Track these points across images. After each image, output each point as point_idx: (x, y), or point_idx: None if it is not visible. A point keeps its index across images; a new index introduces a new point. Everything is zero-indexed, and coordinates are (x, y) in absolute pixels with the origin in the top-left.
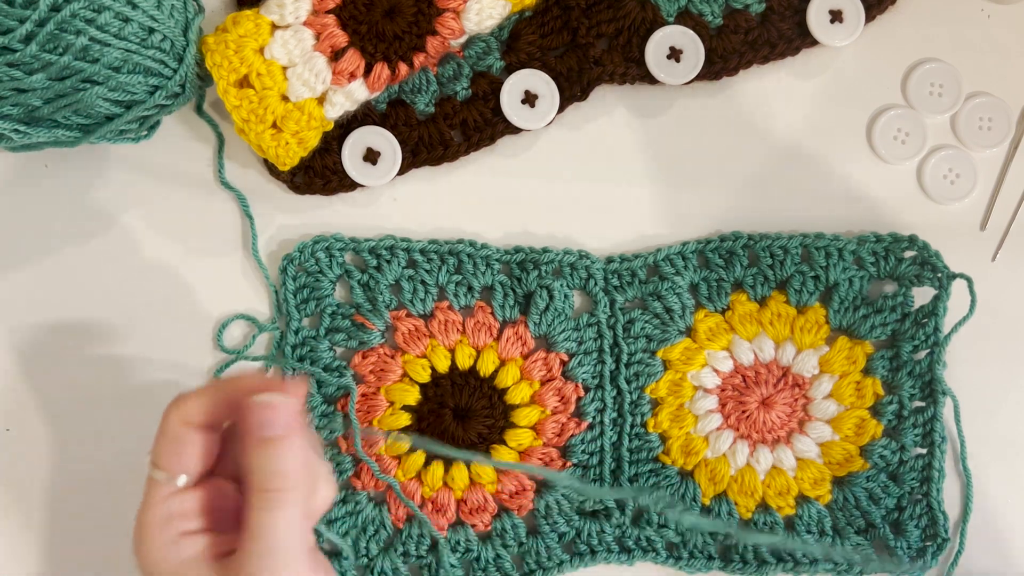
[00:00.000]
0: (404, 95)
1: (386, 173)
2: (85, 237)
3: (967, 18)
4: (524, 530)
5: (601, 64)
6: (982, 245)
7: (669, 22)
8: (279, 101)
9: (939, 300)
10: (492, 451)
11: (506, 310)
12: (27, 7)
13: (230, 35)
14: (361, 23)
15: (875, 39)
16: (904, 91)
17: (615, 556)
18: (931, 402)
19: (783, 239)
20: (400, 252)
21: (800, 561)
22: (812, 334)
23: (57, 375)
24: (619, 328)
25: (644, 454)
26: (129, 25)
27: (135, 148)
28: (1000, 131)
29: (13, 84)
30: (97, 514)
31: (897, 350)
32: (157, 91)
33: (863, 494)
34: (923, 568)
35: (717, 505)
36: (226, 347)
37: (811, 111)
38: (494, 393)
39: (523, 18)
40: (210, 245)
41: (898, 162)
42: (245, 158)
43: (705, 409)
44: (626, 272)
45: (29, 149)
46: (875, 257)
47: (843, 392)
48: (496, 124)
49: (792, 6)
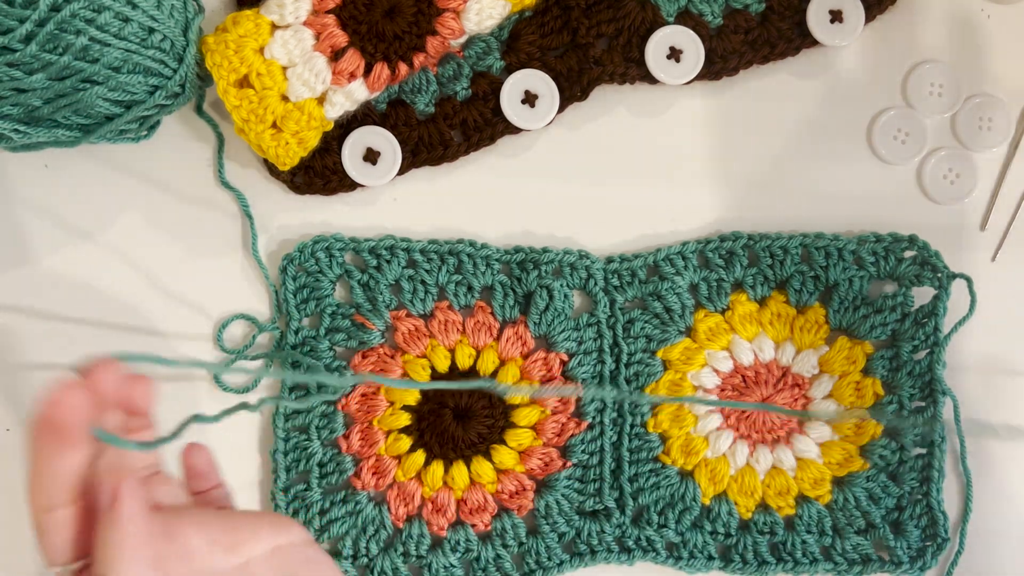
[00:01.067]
0: (404, 95)
1: (386, 173)
2: (85, 237)
3: (967, 18)
4: (524, 530)
5: (601, 64)
6: (982, 245)
7: (669, 22)
8: (279, 101)
9: (939, 300)
10: (492, 451)
11: (506, 310)
12: (27, 7)
13: (230, 35)
14: (361, 23)
15: (875, 39)
16: (904, 91)
17: (615, 556)
18: (931, 402)
19: (783, 239)
20: (400, 252)
21: (800, 561)
22: (812, 334)
23: (57, 375)
24: (619, 328)
25: (644, 454)
26: (129, 25)
27: (135, 148)
28: (1000, 131)
29: (13, 84)
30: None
31: (897, 350)
32: (157, 91)
33: (863, 494)
34: (923, 568)
35: (717, 505)
36: (226, 347)
37: (811, 111)
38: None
39: (523, 18)
40: (210, 245)
41: (898, 162)
42: (245, 158)
43: (705, 409)
44: (626, 272)
45: (29, 149)
46: (875, 257)
47: (843, 392)
48: (496, 124)
49: (792, 6)
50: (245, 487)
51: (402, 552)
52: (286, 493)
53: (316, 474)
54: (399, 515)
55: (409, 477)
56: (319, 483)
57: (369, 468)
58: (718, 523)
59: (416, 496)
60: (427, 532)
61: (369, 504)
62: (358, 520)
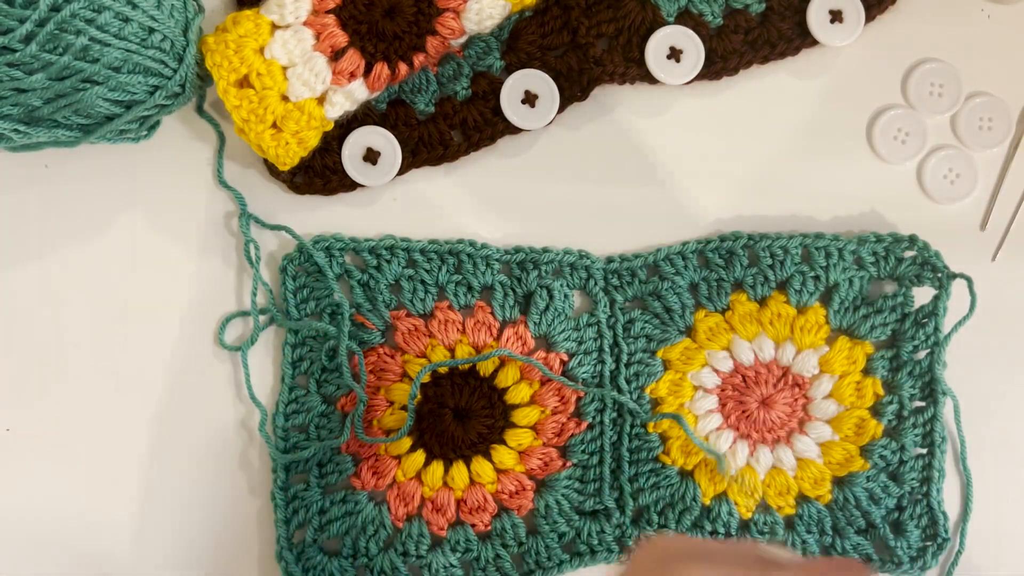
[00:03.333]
0: (404, 95)
1: (386, 173)
2: (85, 237)
3: (967, 18)
4: (524, 530)
5: (601, 64)
6: (982, 245)
7: (669, 22)
8: (279, 101)
9: (939, 300)
10: (492, 451)
11: (506, 310)
12: (27, 7)
13: (230, 35)
14: (361, 23)
15: (875, 39)
16: (904, 91)
17: (615, 556)
18: (931, 402)
19: (783, 239)
20: (400, 252)
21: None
22: (812, 334)
23: (57, 375)
24: (619, 328)
25: (644, 454)
26: (129, 25)
27: (135, 148)
28: (1000, 131)
29: (13, 84)
30: (97, 513)
31: (897, 350)
32: (157, 91)
33: (863, 494)
34: (923, 568)
35: (717, 505)
36: (227, 344)
37: (811, 111)
38: (494, 393)
39: (523, 18)
40: (210, 245)
41: (898, 162)
42: (245, 158)
43: (705, 409)
44: (626, 272)
45: (29, 149)
46: (875, 257)
47: (843, 392)
48: (496, 124)
49: (792, 6)
50: (245, 487)
51: (402, 552)
52: (286, 493)
53: (316, 474)
54: (399, 515)
55: (409, 477)
56: (319, 483)
57: (369, 468)
58: (718, 523)
59: (416, 496)
60: (427, 532)
61: (369, 504)
62: (358, 520)
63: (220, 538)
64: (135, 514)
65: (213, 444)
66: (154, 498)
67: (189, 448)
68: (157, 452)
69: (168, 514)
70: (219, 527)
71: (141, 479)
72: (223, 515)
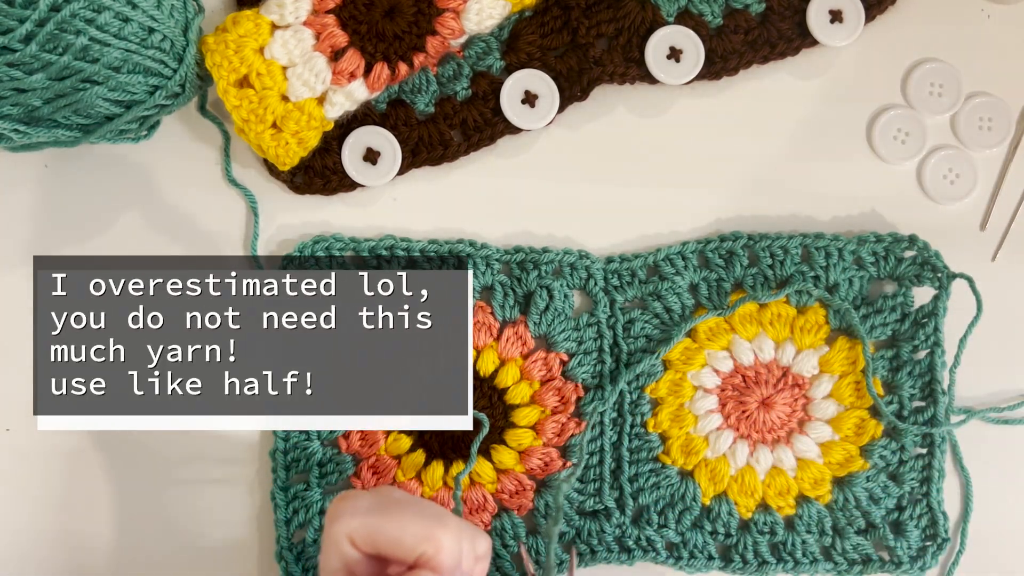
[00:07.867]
0: (404, 95)
1: (386, 173)
2: (85, 237)
3: (967, 18)
4: (524, 530)
5: (601, 64)
6: (982, 245)
7: (669, 22)
8: (279, 101)
9: (939, 300)
10: (492, 451)
11: (506, 310)
12: (27, 7)
13: (230, 35)
14: (361, 23)
15: (875, 39)
16: (904, 91)
17: (615, 556)
18: (931, 402)
19: (783, 239)
20: (400, 252)
21: (800, 561)
22: (812, 334)
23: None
24: (619, 328)
25: (644, 454)
26: (129, 25)
27: (135, 148)
28: (1000, 131)
29: (13, 84)
30: (98, 513)
31: (897, 350)
32: (157, 91)
33: (863, 494)
34: (923, 568)
35: (717, 505)
36: None
37: (811, 111)
38: (494, 393)
39: (523, 18)
40: (210, 245)
41: (898, 162)
42: (245, 158)
43: (705, 409)
44: (626, 272)
45: (29, 149)
46: (875, 257)
47: (843, 392)
48: (496, 124)
49: (792, 6)
50: (245, 487)
51: None
52: (286, 493)
53: (316, 474)
54: None
55: (409, 477)
56: (319, 483)
57: (369, 468)
58: (718, 523)
59: (416, 496)
60: None
61: None
62: None
63: (220, 538)
64: (135, 514)
65: (213, 444)
66: (154, 498)
67: (189, 447)
68: (157, 451)
69: (168, 514)
70: (219, 527)
71: (141, 479)
72: (223, 515)
